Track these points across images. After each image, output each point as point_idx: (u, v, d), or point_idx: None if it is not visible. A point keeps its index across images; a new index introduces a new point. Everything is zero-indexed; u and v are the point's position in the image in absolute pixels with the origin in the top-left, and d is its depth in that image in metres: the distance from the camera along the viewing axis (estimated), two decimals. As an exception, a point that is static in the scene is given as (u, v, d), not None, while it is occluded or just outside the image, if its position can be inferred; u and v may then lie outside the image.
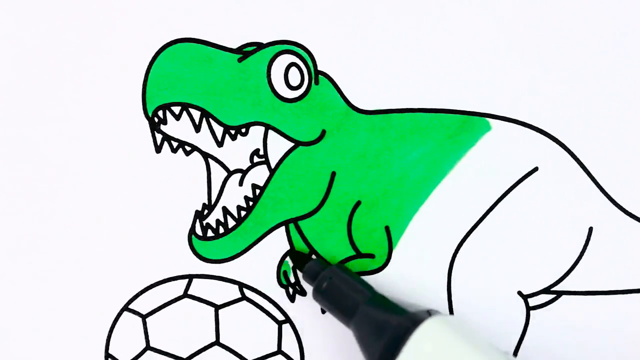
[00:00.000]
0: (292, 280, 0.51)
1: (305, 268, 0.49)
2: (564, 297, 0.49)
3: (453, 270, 0.50)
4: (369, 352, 0.44)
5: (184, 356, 0.51)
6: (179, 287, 0.51)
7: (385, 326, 0.44)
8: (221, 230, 0.50)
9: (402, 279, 0.50)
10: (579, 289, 0.49)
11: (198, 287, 0.51)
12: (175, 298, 0.51)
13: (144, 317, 0.51)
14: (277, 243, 0.51)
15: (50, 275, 0.51)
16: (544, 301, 0.50)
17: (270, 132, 0.50)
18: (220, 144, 0.50)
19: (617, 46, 0.49)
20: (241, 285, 0.51)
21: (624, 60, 0.49)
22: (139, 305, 0.51)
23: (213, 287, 0.51)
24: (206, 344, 0.51)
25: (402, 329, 0.43)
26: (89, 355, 0.51)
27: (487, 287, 0.50)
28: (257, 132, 0.50)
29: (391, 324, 0.44)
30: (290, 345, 0.51)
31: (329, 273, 0.47)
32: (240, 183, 0.50)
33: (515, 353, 0.50)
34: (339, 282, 0.47)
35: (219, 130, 0.50)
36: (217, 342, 0.51)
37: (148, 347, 0.51)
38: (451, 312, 0.50)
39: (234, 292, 0.51)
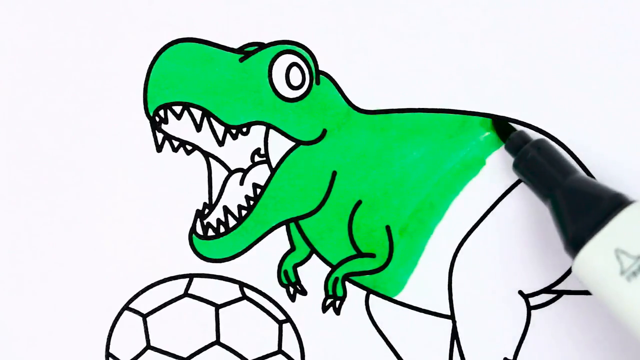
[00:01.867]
0: (293, 279, 0.51)
1: (511, 137, 0.48)
2: (564, 296, 0.50)
3: (454, 270, 0.50)
4: (576, 220, 0.44)
5: (185, 355, 0.51)
6: (179, 286, 0.51)
7: (597, 197, 0.44)
8: (222, 229, 0.50)
9: (402, 278, 0.50)
10: (579, 288, 0.49)
11: (198, 287, 0.51)
12: (176, 297, 0.51)
13: (144, 317, 0.51)
14: (277, 242, 0.51)
15: (51, 274, 0.51)
16: (544, 301, 0.50)
17: (271, 131, 0.50)
18: (221, 143, 0.50)
19: (617, 46, 0.49)
20: (242, 285, 0.51)
21: (624, 60, 0.49)
22: (140, 304, 0.51)
23: (213, 286, 0.51)
24: (206, 344, 0.51)
25: (616, 201, 0.43)
26: (90, 354, 0.51)
27: (488, 287, 0.50)
28: (258, 131, 0.50)
29: (603, 196, 0.43)
30: (290, 344, 0.51)
31: (536, 144, 0.47)
32: (241, 182, 0.51)
33: (517, 352, 0.50)
34: (545, 154, 0.46)
35: (220, 129, 0.50)
36: (217, 342, 0.51)
37: (148, 346, 0.51)
38: (452, 312, 0.50)
39: (234, 291, 0.51)
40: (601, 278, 0.42)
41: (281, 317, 0.51)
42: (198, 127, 0.50)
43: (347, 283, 0.50)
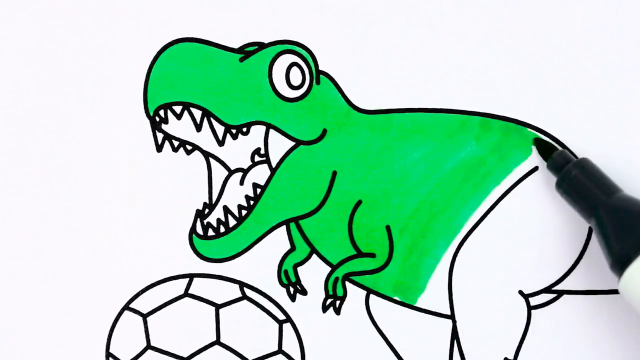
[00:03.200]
0: (293, 279, 0.51)
1: (553, 156, 0.48)
2: (564, 296, 0.50)
3: (454, 270, 0.50)
4: (621, 239, 0.43)
5: (185, 355, 0.51)
6: (179, 286, 0.51)
7: None
8: (222, 229, 0.50)
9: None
10: (579, 288, 0.49)
11: (199, 287, 0.51)
12: (176, 297, 0.51)
13: (144, 316, 0.51)
14: (277, 242, 0.51)
15: (51, 274, 0.51)
16: (544, 301, 0.50)
17: (272, 131, 0.50)
18: (221, 143, 0.50)
19: (617, 46, 0.49)
20: (242, 285, 0.51)
21: (624, 60, 0.49)
22: (140, 304, 0.51)
23: (214, 286, 0.51)
24: (207, 344, 0.51)
25: None
26: (90, 354, 0.51)
27: (488, 287, 0.50)
28: (258, 131, 0.50)
29: None
30: (291, 344, 0.51)
31: (579, 163, 0.47)
32: (241, 182, 0.51)
33: (517, 352, 0.50)
34: (588, 173, 0.46)
35: (220, 129, 0.50)
36: (217, 342, 0.51)
37: (149, 346, 0.51)
38: (452, 311, 0.50)
39: (234, 291, 0.51)
40: None
41: (281, 317, 0.51)
42: (198, 127, 0.50)
43: (347, 283, 0.50)
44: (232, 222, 0.50)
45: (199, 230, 0.51)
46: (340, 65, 0.50)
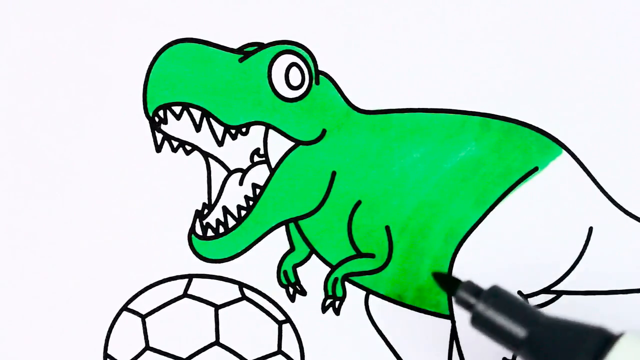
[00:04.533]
0: (293, 280, 0.51)
1: (459, 293, 0.42)
2: (564, 297, 0.50)
3: (453, 270, 0.50)
4: None
5: (184, 356, 0.51)
6: (178, 286, 0.51)
7: (577, 342, 0.39)
8: (221, 229, 0.50)
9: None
10: (579, 288, 0.49)
11: (198, 287, 0.51)
12: (175, 298, 0.51)
13: (143, 317, 0.51)
14: (277, 243, 0.51)
15: (49, 274, 0.51)
16: (544, 301, 0.50)
17: (271, 131, 0.50)
18: (220, 143, 0.50)
19: (617, 46, 0.49)
20: (241, 285, 0.51)
21: (624, 60, 0.49)
22: (139, 305, 0.51)
23: (213, 286, 0.51)
24: (206, 344, 0.51)
25: (599, 343, 0.38)
26: (88, 355, 0.51)
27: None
28: (257, 131, 0.50)
29: (583, 340, 0.39)
30: (290, 345, 0.51)
31: (490, 293, 0.41)
32: (241, 182, 0.51)
33: (516, 353, 0.50)
34: (503, 303, 0.41)
35: (219, 129, 0.50)
36: (217, 342, 0.51)
37: (147, 347, 0.51)
38: (452, 312, 0.50)
39: (234, 291, 0.51)
40: None
41: (281, 317, 0.51)
42: (197, 128, 0.50)
43: (346, 283, 0.50)
44: (231, 222, 0.50)
45: (198, 230, 0.51)
46: (340, 66, 0.50)
